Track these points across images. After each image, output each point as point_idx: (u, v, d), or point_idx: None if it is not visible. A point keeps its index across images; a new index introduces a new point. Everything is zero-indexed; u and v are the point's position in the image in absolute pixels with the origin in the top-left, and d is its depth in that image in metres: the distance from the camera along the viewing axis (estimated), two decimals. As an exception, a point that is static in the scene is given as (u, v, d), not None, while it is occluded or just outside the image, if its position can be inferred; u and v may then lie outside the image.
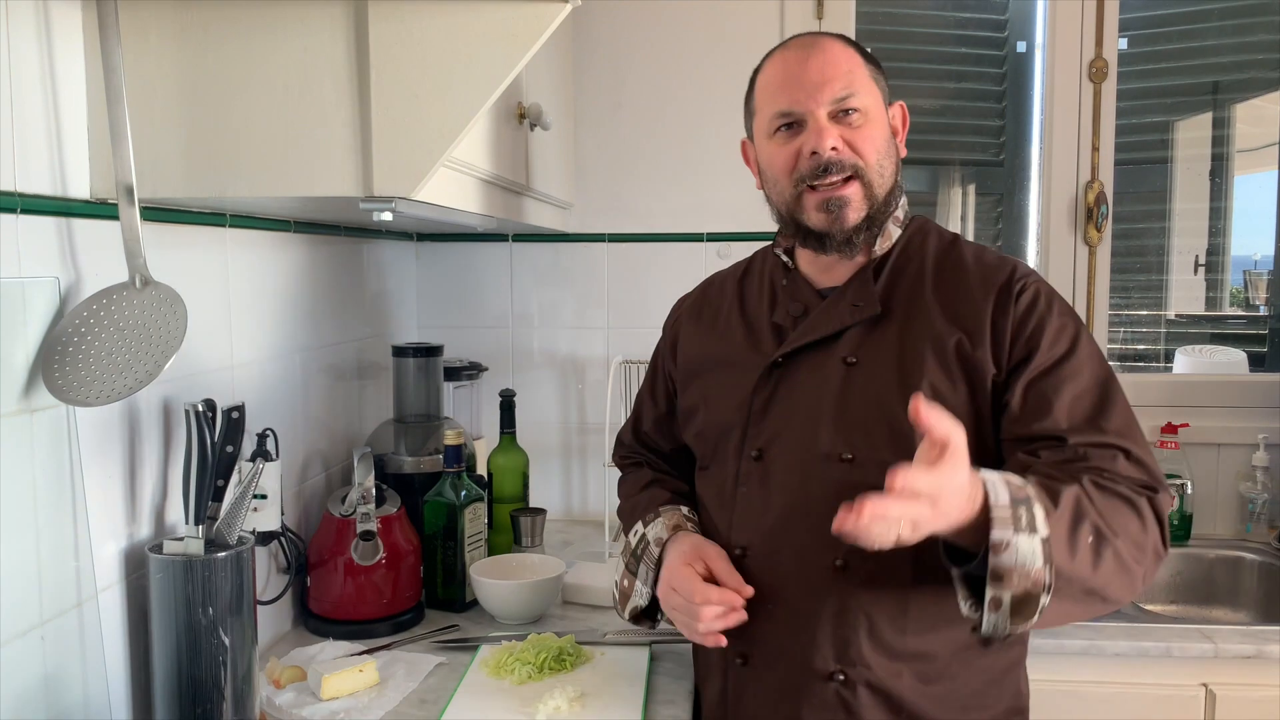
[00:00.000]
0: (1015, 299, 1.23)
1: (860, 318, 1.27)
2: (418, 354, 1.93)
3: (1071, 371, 1.19)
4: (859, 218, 1.26)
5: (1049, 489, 1.09)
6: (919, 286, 1.27)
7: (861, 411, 1.23)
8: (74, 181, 1.14)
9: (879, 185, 1.26)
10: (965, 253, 1.30)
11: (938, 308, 1.25)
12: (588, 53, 2.29)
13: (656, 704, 1.41)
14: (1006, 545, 1.02)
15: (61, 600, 1.11)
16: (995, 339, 1.21)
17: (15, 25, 1.05)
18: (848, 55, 1.27)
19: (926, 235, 1.33)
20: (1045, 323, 1.21)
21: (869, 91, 1.27)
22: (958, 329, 1.23)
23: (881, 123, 1.28)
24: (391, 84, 1.11)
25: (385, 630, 1.65)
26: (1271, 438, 2.30)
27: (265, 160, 1.14)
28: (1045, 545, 1.03)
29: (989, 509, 1.02)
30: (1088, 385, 1.19)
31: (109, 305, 1.10)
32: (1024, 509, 1.03)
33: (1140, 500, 1.14)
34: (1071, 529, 1.07)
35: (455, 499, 1.77)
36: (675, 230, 2.33)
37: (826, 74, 1.25)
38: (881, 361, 1.24)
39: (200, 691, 1.21)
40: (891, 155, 1.29)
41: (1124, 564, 1.11)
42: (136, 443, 1.26)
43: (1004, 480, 1.05)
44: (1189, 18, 2.53)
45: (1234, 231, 2.61)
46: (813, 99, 1.24)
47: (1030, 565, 1.03)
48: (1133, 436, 1.18)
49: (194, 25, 1.13)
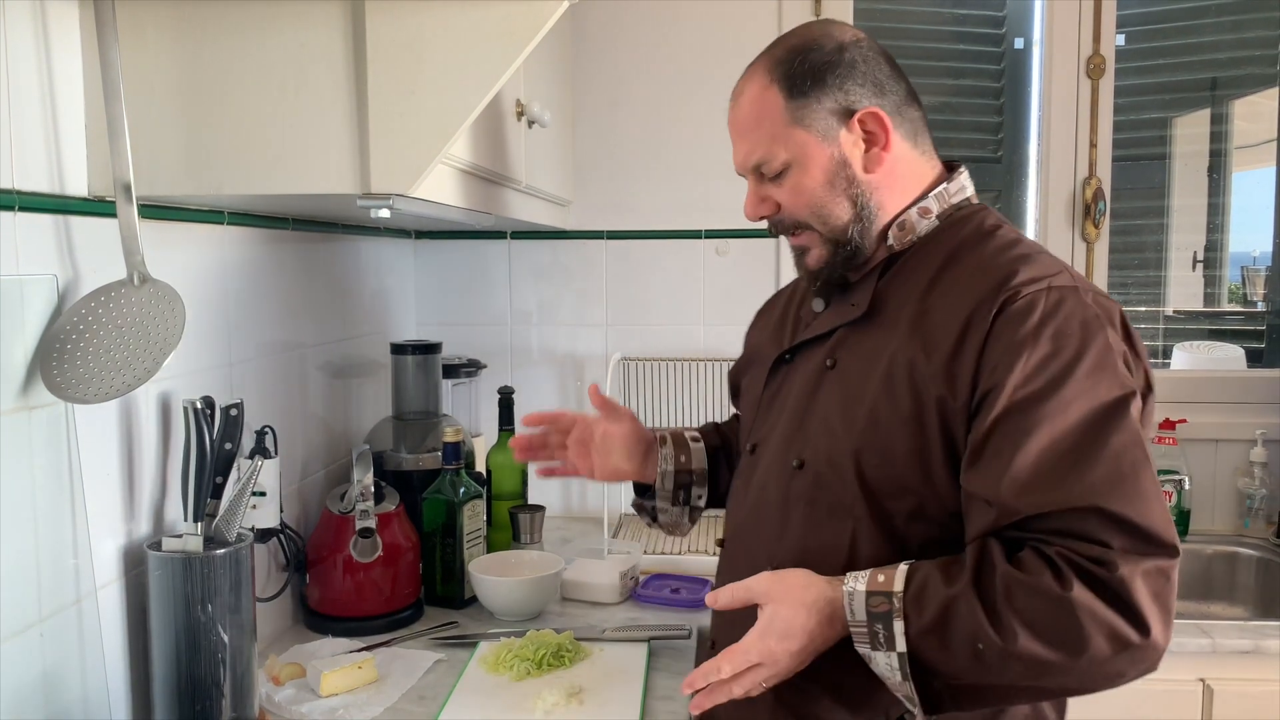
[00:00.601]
0: (997, 311, 1.04)
1: (847, 319, 1.18)
2: (416, 351, 1.93)
3: (1048, 413, 0.99)
4: (821, 260, 1.18)
5: (925, 595, 1.00)
6: (917, 288, 1.13)
7: (816, 420, 1.16)
8: (72, 179, 1.14)
9: (828, 228, 1.16)
10: (982, 250, 1.13)
11: (917, 314, 1.11)
12: (586, 50, 2.29)
13: (655, 700, 1.42)
14: (870, 659, 1.03)
15: (60, 597, 1.11)
16: (958, 357, 1.04)
17: (13, 23, 1.05)
18: (761, 103, 1.15)
19: (963, 226, 1.16)
20: (1025, 347, 1.01)
21: (787, 140, 1.14)
22: (917, 342, 1.08)
23: (815, 164, 1.14)
24: (389, 81, 1.11)
25: (384, 627, 1.65)
26: (1269, 433, 2.30)
27: (263, 158, 1.14)
28: (903, 660, 1.00)
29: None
30: (1066, 430, 0.99)
31: (107, 303, 1.10)
32: (881, 624, 1.01)
33: (1066, 592, 0.95)
34: (942, 638, 0.99)
35: (454, 496, 1.77)
36: (673, 227, 2.33)
37: (740, 140, 1.19)
38: (853, 369, 1.15)
39: (199, 688, 1.21)
40: (837, 192, 1.15)
41: (1038, 662, 0.97)
42: (135, 440, 1.26)
43: (866, 594, 1.02)
44: (1187, 14, 2.53)
45: (1232, 227, 2.61)
46: (737, 163, 1.21)
47: (891, 679, 1.02)
48: (1113, 491, 0.97)
49: (191, 23, 1.13)
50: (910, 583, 1.02)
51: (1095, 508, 0.97)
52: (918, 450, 1.07)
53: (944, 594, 1.00)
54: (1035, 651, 0.96)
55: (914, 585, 1.01)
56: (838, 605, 1.04)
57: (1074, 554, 0.97)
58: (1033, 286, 1.05)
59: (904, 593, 1.01)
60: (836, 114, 1.14)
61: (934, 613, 0.99)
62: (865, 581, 1.03)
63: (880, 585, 1.02)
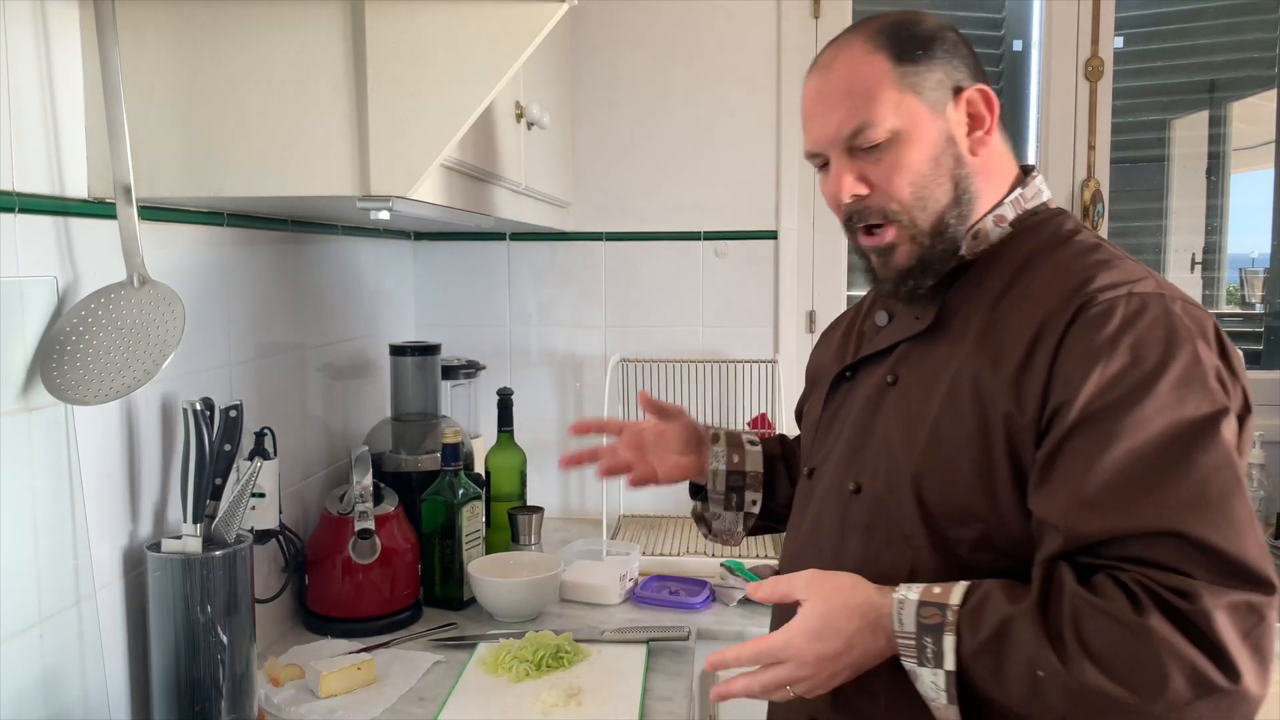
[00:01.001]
0: (1071, 319, 0.95)
1: (910, 332, 1.10)
2: (415, 352, 1.93)
3: (1127, 427, 0.90)
4: (908, 259, 1.07)
5: (981, 612, 0.92)
6: (986, 299, 1.05)
7: (875, 441, 1.08)
8: (72, 181, 1.14)
9: (922, 219, 1.06)
10: (1059, 255, 1.04)
11: (986, 325, 1.03)
12: (585, 52, 2.29)
13: (654, 701, 1.42)
14: (915, 676, 0.95)
15: (60, 598, 1.11)
16: (1026, 370, 0.96)
17: (13, 24, 1.05)
18: (869, 68, 1.05)
19: (1039, 234, 1.08)
20: (1100, 357, 0.92)
21: (897, 107, 1.04)
22: (985, 355, 1.00)
23: (920, 139, 1.05)
24: (389, 83, 1.11)
25: (383, 628, 1.65)
26: (1267, 435, 2.30)
27: (262, 159, 1.14)
28: (950, 679, 0.92)
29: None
30: (1145, 447, 0.89)
31: (107, 304, 1.10)
32: (930, 638, 0.93)
33: (1142, 619, 0.86)
34: (995, 659, 0.91)
35: (453, 497, 1.77)
36: (672, 229, 2.33)
37: (837, 107, 1.06)
38: (915, 385, 1.07)
39: (198, 689, 1.21)
40: (939, 175, 1.06)
41: (1100, 695, 0.87)
42: (135, 441, 1.27)
43: (919, 604, 0.95)
44: (1185, 16, 2.53)
45: (1230, 229, 2.61)
46: (827, 138, 1.07)
47: (936, 700, 0.94)
48: (1198, 515, 0.87)
49: (191, 24, 1.13)
50: (969, 598, 0.94)
51: (1175, 532, 0.87)
52: (983, 472, 0.98)
53: (1004, 611, 0.91)
54: (1102, 686, 0.86)
55: (972, 600, 0.93)
56: (885, 613, 0.96)
57: (1153, 582, 0.87)
58: (1111, 292, 0.96)
59: (960, 606, 0.93)
60: (945, 88, 1.06)
61: (990, 630, 0.91)
62: (919, 592, 0.96)
63: (935, 597, 0.95)
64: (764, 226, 2.30)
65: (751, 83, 2.28)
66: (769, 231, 2.30)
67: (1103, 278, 0.97)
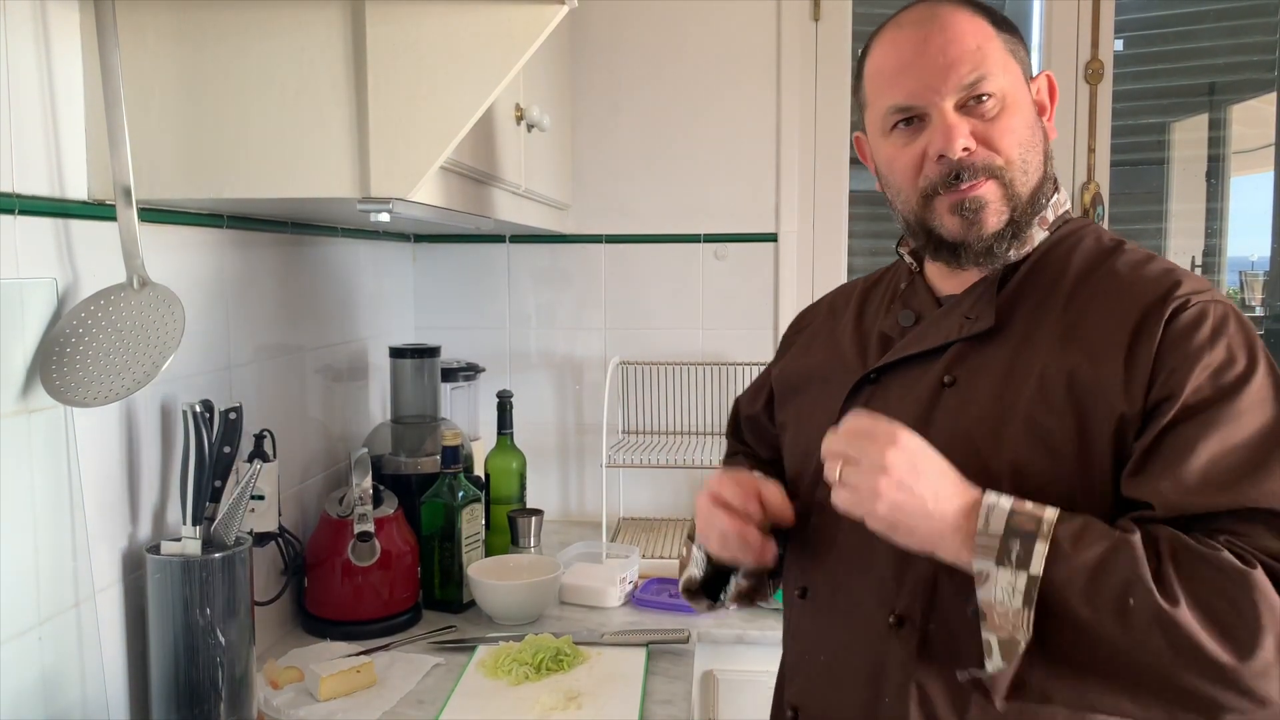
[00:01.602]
0: (1169, 320, 0.97)
1: (969, 332, 1.06)
2: (415, 355, 1.93)
3: (1225, 419, 0.92)
4: (1000, 222, 1.05)
5: (1086, 533, 0.91)
6: (1051, 300, 1.05)
7: (945, 440, 1.00)
8: (72, 182, 1.14)
9: (1022, 183, 1.05)
10: (1122, 261, 1.05)
11: (1065, 326, 1.02)
12: (585, 54, 2.29)
13: (653, 704, 1.42)
14: (986, 577, 0.91)
15: (59, 601, 1.11)
16: (1131, 367, 0.96)
17: (13, 27, 1.05)
18: (976, 26, 1.04)
19: (1081, 240, 1.09)
20: (1202, 354, 0.95)
21: (1006, 69, 1.04)
22: (1079, 352, 0.99)
23: (1024, 105, 1.05)
24: (389, 86, 1.11)
25: (382, 631, 1.65)
26: (1267, 438, 2.30)
27: (262, 161, 1.14)
28: (1032, 584, 0.89)
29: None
30: (1245, 438, 0.92)
31: (107, 306, 1.10)
32: (1017, 541, 0.90)
33: (1251, 570, 0.86)
34: (1094, 577, 0.89)
35: (452, 500, 1.77)
36: (672, 231, 2.33)
37: (950, 55, 1.03)
38: (982, 385, 1.03)
39: (198, 692, 1.21)
40: (1038, 144, 1.06)
41: (1189, 645, 0.85)
42: (134, 443, 1.26)
43: (1011, 510, 0.92)
44: (1185, 19, 2.53)
45: (1230, 232, 2.62)
46: (935, 89, 1.03)
47: (1007, 603, 0.90)
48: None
49: (192, 27, 1.13)
50: (1067, 519, 0.92)
51: (1272, 510, 0.89)
52: (1085, 464, 0.97)
53: (1109, 536, 0.90)
54: (1194, 630, 0.85)
55: (1073, 521, 0.91)
56: (971, 506, 0.93)
57: (1251, 547, 0.88)
58: (1201, 297, 0.99)
59: (1058, 523, 0.91)
60: (1029, 66, 1.09)
61: (1094, 550, 0.89)
62: (1010, 500, 0.93)
63: (1028, 509, 0.92)
64: (764, 229, 2.30)
65: (751, 85, 2.28)
66: (769, 234, 2.30)
67: (1187, 284, 1.00)
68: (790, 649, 1.18)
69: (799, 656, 1.15)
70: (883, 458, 0.93)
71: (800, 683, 1.14)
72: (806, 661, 1.13)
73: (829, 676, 1.10)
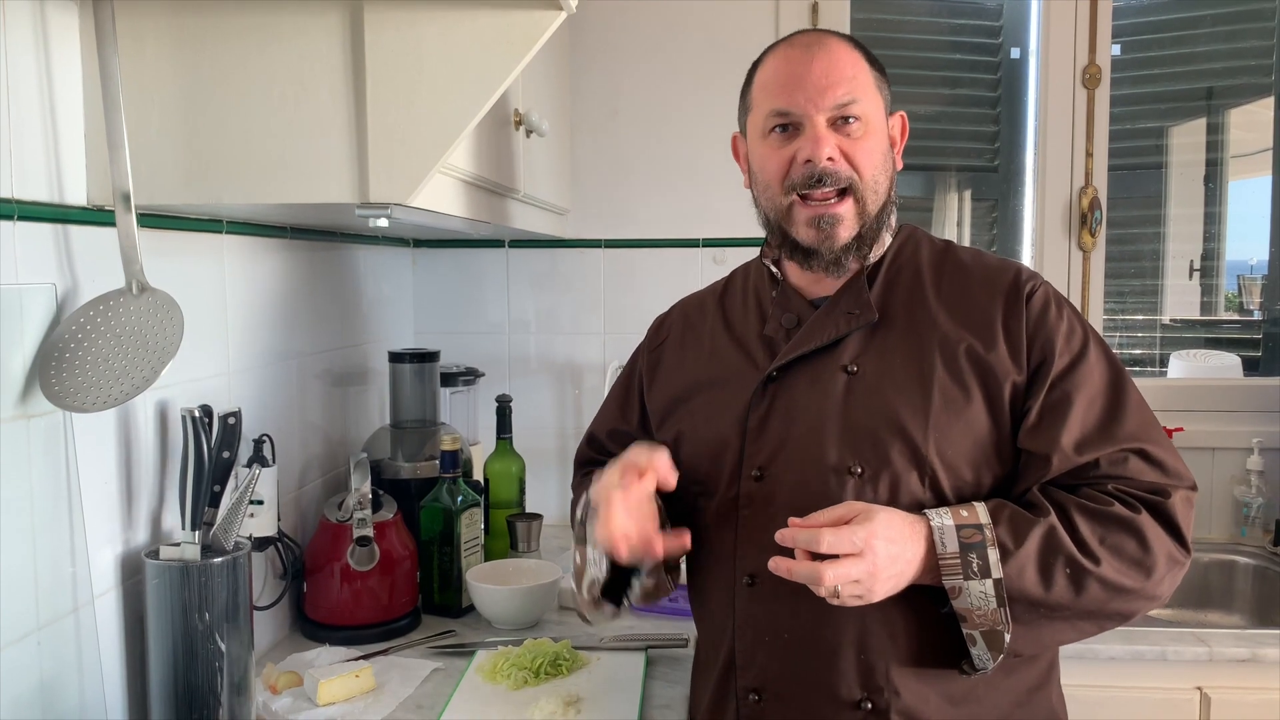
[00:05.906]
0: (1026, 301, 1.19)
1: (857, 324, 1.21)
2: (414, 360, 1.93)
3: (1084, 377, 1.16)
4: (849, 236, 1.21)
5: (1017, 526, 1.10)
6: (918, 291, 1.23)
7: (868, 421, 1.17)
8: (71, 188, 1.14)
9: (872, 201, 1.22)
10: (963, 256, 1.27)
11: (943, 312, 1.21)
12: (584, 59, 2.30)
13: (652, 709, 1.42)
14: (960, 591, 1.08)
15: (58, 606, 1.11)
16: (1010, 342, 1.18)
17: (12, 32, 1.05)
18: (853, 59, 1.22)
19: (919, 242, 1.29)
20: (1058, 326, 1.18)
21: (871, 99, 1.22)
22: (967, 333, 1.19)
23: (881, 133, 1.23)
24: (387, 91, 1.11)
25: (381, 636, 1.65)
26: (1266, 442, 2.30)
27: (262, 167, 1.14)
28: (999, 586, 1.07)
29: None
30: (1099, 389, 1.17)
31: (105, 311, 1.10)
32: (974, 554, 1.08)
33: (1138, 516, 1.11)
34: (1041, 564, 1.09)
35: (452, 504, 1.77)
36: (671, 236, 2.33)
37: (830, 77, 1.19)
38: (885, 370, 1.19)
39: (196, 697, 1.21)
40: (888, 169, 1.24)
41: (1116, 586, 1.10)
42: (133, 448, 1.26)
43: (956, 527, 1.09)
44: (1182, 24, 2.54)
45: (1228, 236, 2.62)
46: (813, 102, 1.18)
47: (984, 606, 1.08)
48: (1147, 435, 1.16)
49: (191, 32, 1.13)
50: (996, 516, 1.10)
51: (1139, 449, 1.14)
52: (996, 426, 1.17)
53: (1035, 523, 1.10)
54: (1114, 574, 1.10)
55: (1003, 518, 1.10)
56: (925, 537, 1.09)
57: (1131, 488, 1.13)
58: (1038, 280, 1.22)
59: (994, 525, 1.10)
60: (888, 105, 1.27)
61: (1030, 543, 1.09)
62: (950, 516, 1.10)
63: (965, 519, 1.10)
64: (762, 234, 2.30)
65: (750, 90, 2.28)
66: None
67: (1024, 271, 1.24)
68: (743, 636, 1.22)
69: (753, 642, 1.21)
70: (873, 565, 1.05)
71: (760, 665, 1.20)
72: (765, 644, 1.20)
73: (793, 653, 1.18)
